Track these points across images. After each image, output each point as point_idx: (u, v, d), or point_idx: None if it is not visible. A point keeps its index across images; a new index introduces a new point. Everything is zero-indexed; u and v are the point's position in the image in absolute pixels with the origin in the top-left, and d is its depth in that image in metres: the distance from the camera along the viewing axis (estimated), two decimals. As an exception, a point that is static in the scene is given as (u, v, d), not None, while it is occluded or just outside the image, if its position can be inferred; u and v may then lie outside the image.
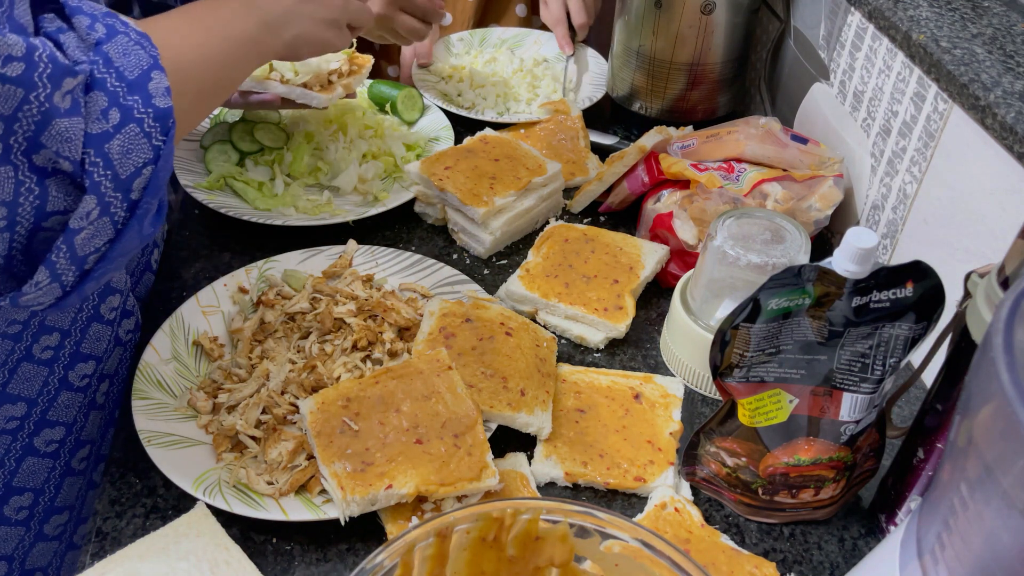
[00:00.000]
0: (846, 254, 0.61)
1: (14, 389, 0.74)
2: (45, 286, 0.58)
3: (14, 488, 0.78)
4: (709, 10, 1.09)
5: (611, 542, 0.54)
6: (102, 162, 0.55)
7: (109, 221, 0.57)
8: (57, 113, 0.53)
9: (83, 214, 0.56)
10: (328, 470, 0.68)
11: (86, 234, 0.57)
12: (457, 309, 0.84)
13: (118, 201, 0.57)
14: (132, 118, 0.56)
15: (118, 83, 0.56)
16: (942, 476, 0.43)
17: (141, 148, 0.57)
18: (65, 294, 0.60)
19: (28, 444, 0.77)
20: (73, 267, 0.58)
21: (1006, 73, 0.75)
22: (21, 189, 0.54)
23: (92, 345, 0.79)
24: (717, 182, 0.94)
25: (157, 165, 0.58)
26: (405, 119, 1.20)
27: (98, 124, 0.55)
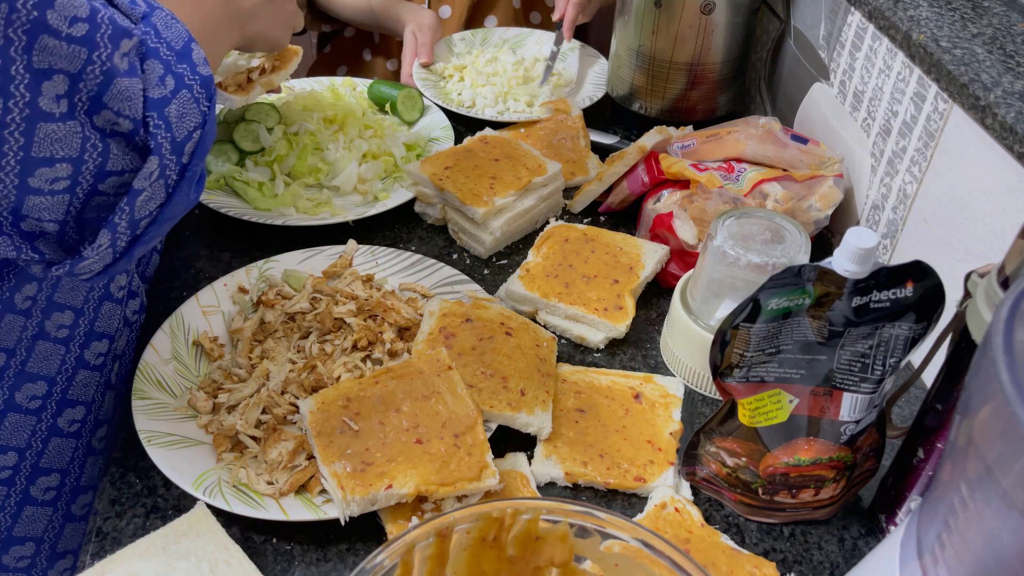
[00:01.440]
0: (846, 254, 0.61)
1: (33, 368, 0.75)
2: (104, 250, 0.59)
3: (41, 469, 0.79)
4: (709, 10, 1.09)
5: (611, 542, 0.54)
6: (164, 125, 0.58)
7: (163, 184, 0.60)
8: (118, 72, 0.55)
9: (146, 174, 0.58)
10: (328, 470, 0.68)
11: (145, 196, 0.59)
12: (457, 309, 0.84)
13: (173, 164, 0.60)
14: (184, 84, 0.60)
15: (168, 52, 0.60)
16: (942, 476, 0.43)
17: (192, 113, 0.60)
18: (115, 260, 0.62)
19: (52, 425, 0.78)
20: (129, 230, 0.60)
21: (1006, 73, 0.75)
22: (87, 145, 0.56)
23: (105, 324, 0.80)
24: (717, 182, 0.94)
25: (204, 129, 0.61)
26: (405, 119, 1.20)
27: (158, 89, 0.58)
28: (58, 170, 0.55)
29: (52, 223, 0.58)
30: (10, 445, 0.76)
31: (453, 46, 1.37)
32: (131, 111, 0.57)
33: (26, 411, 0.76)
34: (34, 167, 0.54)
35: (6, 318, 0.71)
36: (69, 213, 0.58)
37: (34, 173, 0.55)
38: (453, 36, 1.38)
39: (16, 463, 0.77)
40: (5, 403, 0.74)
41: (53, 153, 0.55)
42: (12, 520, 0.79)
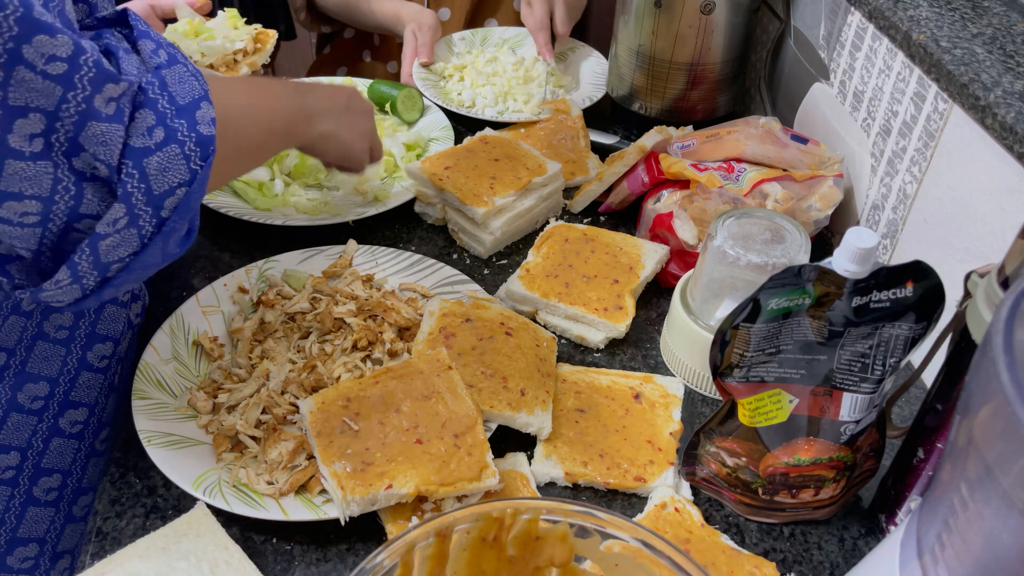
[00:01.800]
0: (846, 254, 0.61)
1: (33, 368, 0.75)
2: (65, 286, 0.59)
3: (43, 470, 0.79)
4: (709, 10, 1.09)
5: (611, 542, 0.54)
6: (138, 175, 0.57)
7: (136, 234, 0.59)
8: (96, 116, 0.55)
9: (110, 221, 0.57)
10: (328, 470, 0.68)
11: (111, 241, 0.58)
12: (457, 309, 0.84)
13: (147, 215, 0.59)
14: (175, 139, 0.58)
15: (168, 106, 0.59)
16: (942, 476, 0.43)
17: (178, 169, 0.59)
18: (84, 296, 0.61)
19: (54, 425, 0.78)
20: (95, 272, 0.59)
21: (1006, 73, 0.75)
22: (59, 187, 0.56)
23: (107, 327, 0.80)
24: (717, 182, 0.94)
25: (191, 188, 0.60)
26: (405, 119, 1.20)
27: (141, 139, 0.57)
28: (27, 206, 0.55)
29: (25, 251, 0.58)
30: (12, 445, 0.76)
31: (453, 46, 1.37)
32: (107, 156, 0.56)
33: (28, 411, 0.76)
34: (3, 200, 0.55)
35: (9, 319, 0.71)
36: (43, 244, 0.58)
37: (2, 206, 0.55)
38: (453, 36, 1.38)
39: (19, 463, 0.77)
40: (8, 403, 0.74)
41: (22, 190, 0.55)
42: (17, 521, 0.79)
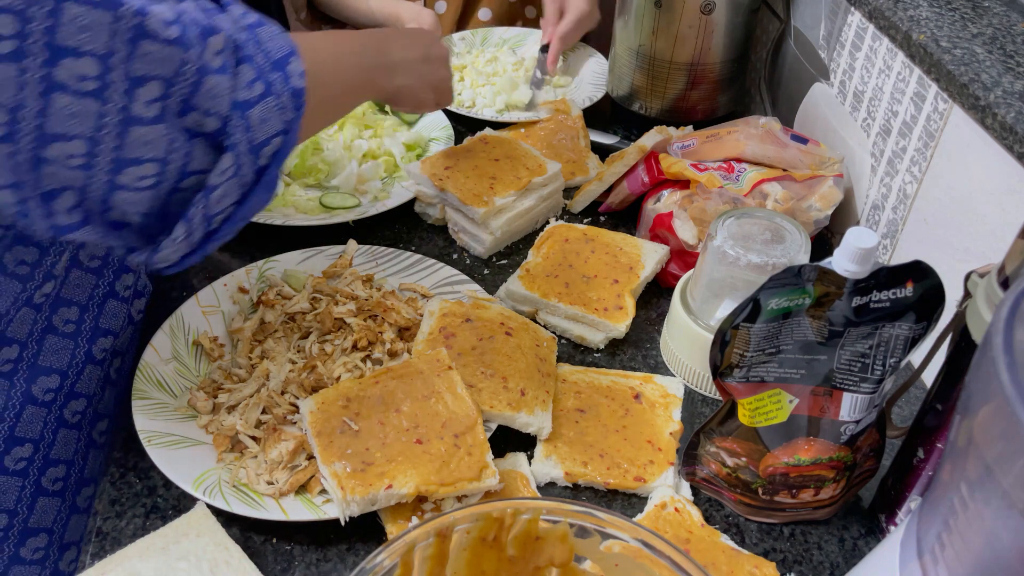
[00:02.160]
0: (846, 254, 0.61)
1: (45, 362, 0.76)
2: (180, 241, 0.63)
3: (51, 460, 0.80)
4: (709, 10, 1.09)
5: (611, 542, 0.54)
6: (242, 126, 0.61)
7: (237, 183, 0.63)
8: (209, 70, 0.59)
9: (220, 171, 0.61)
10: (328, 470, 0.68)
11: (220, 192, 0.62)
12: (457, 309, 0.84)
13: (249, 165, 0.63)
14: (272, 92, 0.62)
15: (264, 61, 0.63)
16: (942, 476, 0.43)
17: (275, 120, 0.63)
18: (190, 252, 0.65)
19: (60, 416, 0.79)
20: (203, 225, 0.63)
21: (1006, 73, 0.75)
22: (173, 146, 0.59)
23: (109, 321, 0.80)
24: (717, 182, 0.94)
25: (286, 137, 0.64)
26: (405, 119, 1.20)
27: (244, 92, 0.61)
28: (145, 169, 0.59)
29: (137, 215, 0.62)
30: (27, 437, 0.76)
31: (453, 46, 1.37)
32: (218, 108, 0.60)
33: (41, 403, 0.76)
34: (124, 166, 0.58)
35: (21, 311, 0.72)
36: (152, 207, 0.62)
37: (123, 172, 0.58)
38: (453, 36, 1.38)
39: (31, 454, 0.77)
40: (24, 395, 0.75)
41: (142, 154, 0.58)
42: (28, 512, 0.79)
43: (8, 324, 0.72)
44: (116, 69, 0.54)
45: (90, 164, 0.57)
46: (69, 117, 0.55)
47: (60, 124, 0.55)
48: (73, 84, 0.54)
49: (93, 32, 0.53)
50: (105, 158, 0.57)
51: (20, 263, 0.69)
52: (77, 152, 0.56)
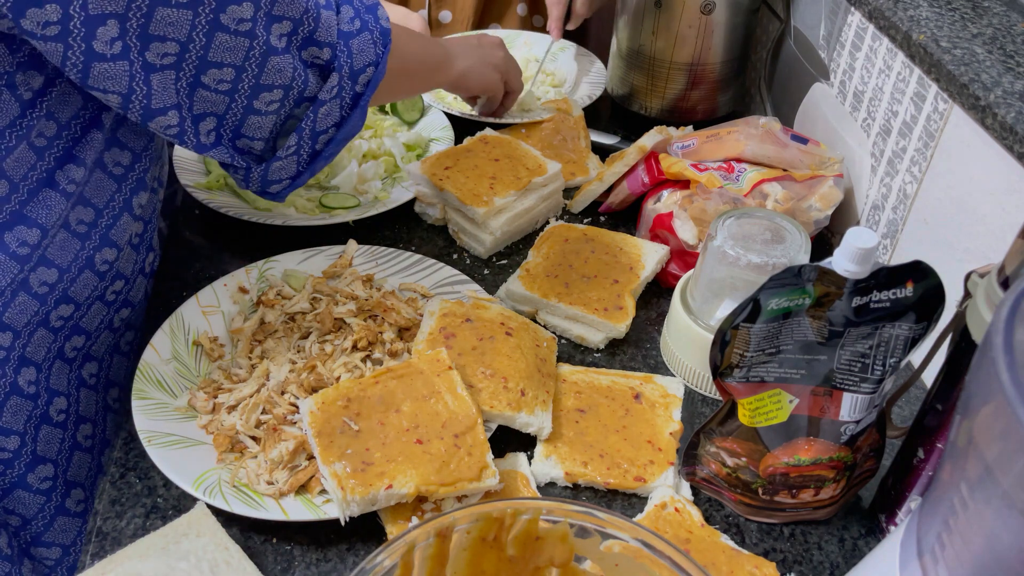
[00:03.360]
0: (846, 254, 0.61)
1: (30, 355, 0.77)
2: (291, 153, 0.74)
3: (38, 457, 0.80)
4: (709, 10, 1.09)
5: (611, 542, 0.54)
6: (346, 52, 0.73)
7: (338, 104, 0.74)
8: (322, 7, 0.71)
9: (328, 88, 0.72)
10: (328, 470, 0.68)
11: (325, 109, 0.73)
12: (457, 309, 0.84)
13: (348, 88, 0.74)
14: (367, 28, 0.75)
15: (359, 3, 0.75)
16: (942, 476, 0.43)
17: (368, 52, 0.74)
18: (299, 172, 0.76)
19: (44, 413, 0.79)
20: (311, 142, 0.74)
21: (1006, 73, 0.75)
22: (295, 74, 0.70)
23: (89, 321, 0.81)
24: (717, 182, 0.94)
25: (377, 68, 0.75)
26: (405, 119, 1.20)
27: (348, 25, 0.73)
28: (274, 95, 0.70)
29: (260, 141, 0.73)
30: (12, 429, 0.76)
31: None
32: (330, 38, 0.71)
33: (26, 396, 0.77)
34: (260, 92, 0.69)
35: (19, 296, 0.73)
36: (272, 132, 0.73)
37: (259, 97, 0.69)
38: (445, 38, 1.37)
39: (17, 447, 0.78)
40: (11, 386, 0.76)
41: (273, 81, 0.69)
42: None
43: None
44: (262, 8, 0.66)
45: (234, 89, 0.68)
46: (225, 51, 0.65)
47: (217, 55, 0.65)
48: (232, 25, 0.65)
49: None
50: (247, 84, 0.68)
51: (116, 164, 0.77)
52: (227, 78, 0.67)
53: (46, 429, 0.79)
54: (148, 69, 0.64)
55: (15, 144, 0.67)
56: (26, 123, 0.67)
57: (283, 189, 0.77)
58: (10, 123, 0.66)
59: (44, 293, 0.74)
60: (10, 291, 0.72)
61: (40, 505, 0.80)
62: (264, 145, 0.73)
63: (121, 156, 0.76)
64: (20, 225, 0.70)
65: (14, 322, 0.73)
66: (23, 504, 0.79)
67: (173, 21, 0.62)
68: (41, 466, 0.79)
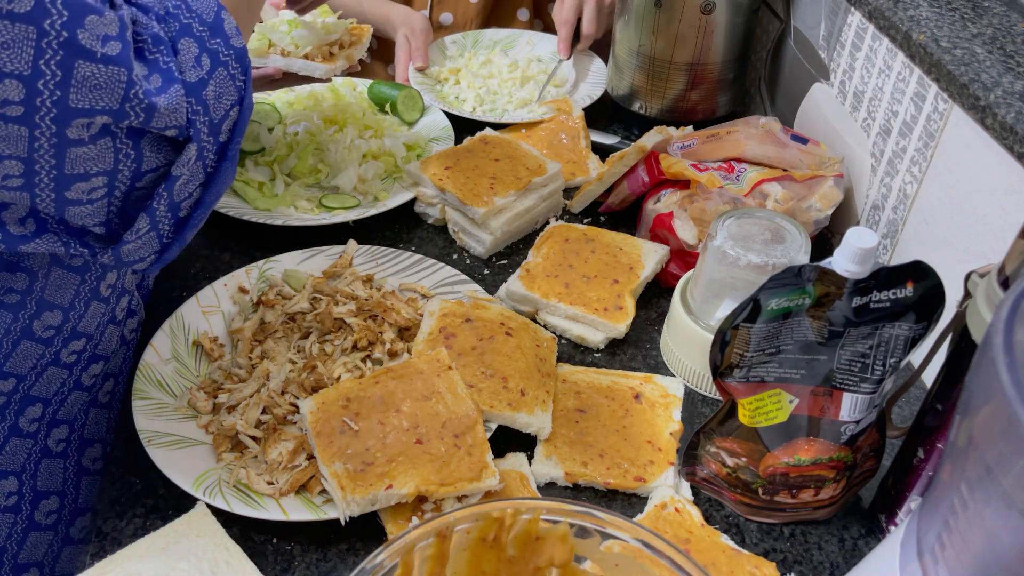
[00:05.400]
0: (846, 254, 0.61)
1: (36, 392, 0.74)
2: (144, 234, 0.60)
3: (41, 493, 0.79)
4: (709, 10, 1.09)
5: (611, 542, 0.54)
6: (202, 109, 0.58)
7: (201, 165, 0.60)
8: (152, 94, 0.55)
9: (184, 161, 0.59)
10: (328, 470, 0.68)
11: (183, 180, 0.60)
12: (457, 309, 0.84)
13: (211, 144, 0.60)
14: (220, 62, 0.59)
15: (201, 28, 0.59)
16: (942, 476, 0.43)
17: (229, 91, 0.60)
18: (164, 247, 0.63)
19: (44, 447, 0.78)
20: (169, 214, 0.61)
21: (1006, 73, 0.75)
22: (119, 156, 0.57)
23: (105, 346, 0.79)
24: (717, 182, 0.94)
25: (242, 105, 0.61)
26: (405, 119, 1.20)
27: (195, 71, 0.58)
28: (93, 183, 0.56)
29: (97, 226, 0.59)
30: (10, 470, 0.75)
31: (445, 49, 1.37)
32: (175, 122, 0.57)
33: (25, 435, 0.75)
34: (70, 183, 0.55)
35: (22, 344, 0.70)
36: (111, 213, 0.59)
37: (70, 188, 0.56)
38: (444, 39, 1.38)
39: (18, 488, 0.76)
40: (10, 429, 0.74)
41: (87, 170, 0.55)
42: (18, 548, 0.78)
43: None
44: (42, 94, 0.51)
45: (29, 183, 0.54)
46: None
47: None
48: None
49: (12, 51, 0.49)
50: (45, 176, 0.54)
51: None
52: (13, 172, 0.53)
53: (46, 461, 0.77)
54: None
55: None
56: None
57: (149, 265, 0.64)
58: None
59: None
60: None
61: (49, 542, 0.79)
62: (104, 228, 0.60)
63: None
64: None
65: None
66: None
67: None
68: (44, 500, 0.78)
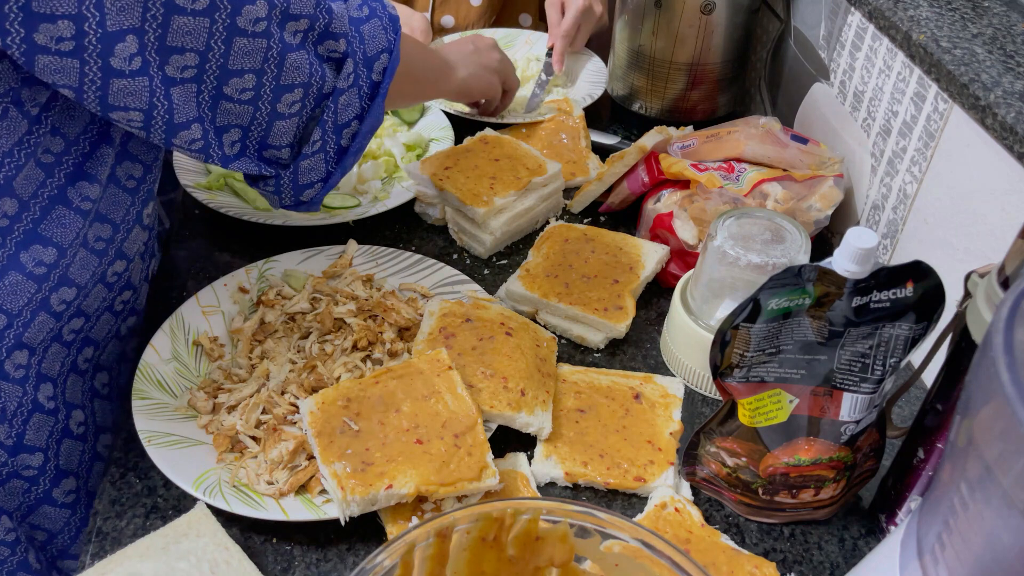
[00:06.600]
0: (846, 254, 0.61)
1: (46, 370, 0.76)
2: (317, 151, 0.72)
3: None
4: (709, 10, 1.09)
5: (611, 542, 0.54)
6: (359, 38, 0.72)
7: (357, 94, 0.73)
8: (333, 6, 0.70)
9: (345, 76, 0.71)
10: (328, 470, 0.68)
11: (344, 100, 0.72)
12: (457, 309, 0.84)
13: (364, 76, 0.73)
14: (376, 15, 0.74)
15: None
16: (942, 476, 0.43)
17: (380, 38, 0.73)
18: (328, 174, 0.74)
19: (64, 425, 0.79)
20: (335, 136, 0.73)
21: (1006, 73, 0.75)
22: (312, 70, 0.69)
23: (98, 332, 0.80)
24: (717, 182, 0.94)
25: (391, 55, 0.74)
26: (405, 119, 1.20)
27: (356, 11, 0.73)
28: (295, 95, 0.69)
29: (285, 148, 0.71)
30: (36, 446, 0.76)
31: None
32: (343, 28, 0.70)
33: (46, 412, 0.77)
34: (281, 93, 0.68)
35: (39, 316, 0.72)
36: (296, 135, 0.71)
37: (281, 99, 0.68)
38: (443, 39, 1.37)
39: (42, 463, 0.77)
40: (32, 403, 0.75)
41: (293, 80, 0.68)
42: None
43: None
44: (277, 7, 0.64)
45: (257, 95, 0.66)
46: (244, 56, 0.64)
47: (237, 61, 0.64)
48: (249, 28, 0.63)
49: None
50: (268, 88, 0.67)
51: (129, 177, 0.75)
52: (248, 85, 0.66)
53: (67, 443, 0.79)
54: (168, 83, 0.62)
55: (24, 162, 0.65)
56: (33, 140, 0.65)
57: (316, 194, 0.75)
58: (18, 140, 0.64)
59: (62, 311, 0.73)
60: (29, 311, 0.71)
61: (65, 519, 0.80)
62: (290, 151, 0.72)
63: (133, 169, 0.75)
64: (36, 244, 0.69)
65: (32, 341, 0.72)
66: (49, 519, 0.79)
67: (191, 30, 0.60)
68: (65, 480, 0.79)
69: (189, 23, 0.60)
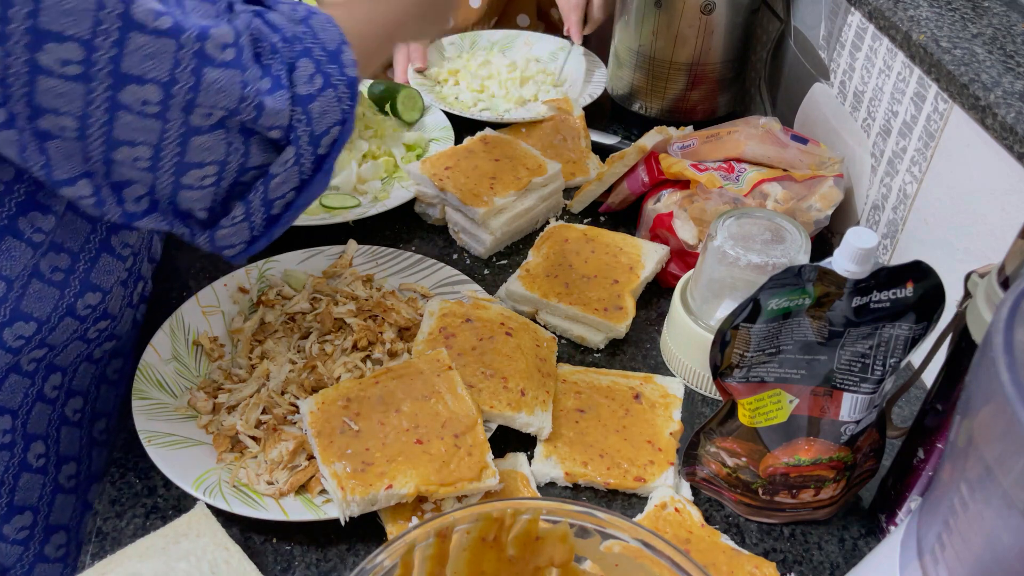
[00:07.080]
0: (846, 254, 0.61)
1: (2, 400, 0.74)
2: (238, 222, 0.67)
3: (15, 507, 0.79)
4: (709, 10, 1.09)
5: (611, 542, 0.54)
6: (305, 119, 0.65)
7: (297, 171, 0.67)
8: (264, 93, 0.62)
9: (281, 162, 0.65)
10: (328, 470, 0.68)
11: (279, 179, 0.66)
12: (457, 309, 0.84)
13: (309, 154, 0.67)
14: (330, 84, 0.66)
15: (322, 54, 0.66)
16: (942, 476, 0.43)
17: (333, 112, 0.67)
18: (254, 238, 0.69)
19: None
20: (262, 209, 0.67)
21: (1006, 73, 0.75)
22: (230, 149, 0.63)
23: (64, 359, 0.78)
24: (717, 182, 0.94)
25: (344, 127, 0.68)
26: (405, 119, 1.20)
27: (307, 86, 0.65)
28: (206, 171, 0.63)
29: (201, 211, 0.66)
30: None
31: (443, 51, 1.37)
32: (278, 122, 0.63)
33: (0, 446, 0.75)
34: (188, 169, 0.62)
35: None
36: (215, 200, 0.66)
37: (187, 174, 0.63)
38: (443, 41, 1.37)
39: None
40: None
41: (202, 159, 0.62)
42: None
43: None
44: (175, 97, 0.58)
45: (155, 167, 0.61)
46: (133, 131, 0.59)
47: (126, 134, 0.59)
48: (136, 107, 0.57)
49: (155, 61, 0.56)
50: (168, 162, 0.61)
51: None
52: (144, 155, 0.60)
53: (26, 476, 0.77)
54: (43, 138, 0.57)
55: None
56: None
57: (238, 253, 0.70)
58: None
59: (20, 346, 0.70)
60: None
61: (17, 555, 0.79)
62: (207, 214, 0.67)
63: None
64: None
65: None
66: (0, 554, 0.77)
67: (62, 93, 0.55)
68: (18, 516, 0.77)
69: (59, 86, 0.55)
